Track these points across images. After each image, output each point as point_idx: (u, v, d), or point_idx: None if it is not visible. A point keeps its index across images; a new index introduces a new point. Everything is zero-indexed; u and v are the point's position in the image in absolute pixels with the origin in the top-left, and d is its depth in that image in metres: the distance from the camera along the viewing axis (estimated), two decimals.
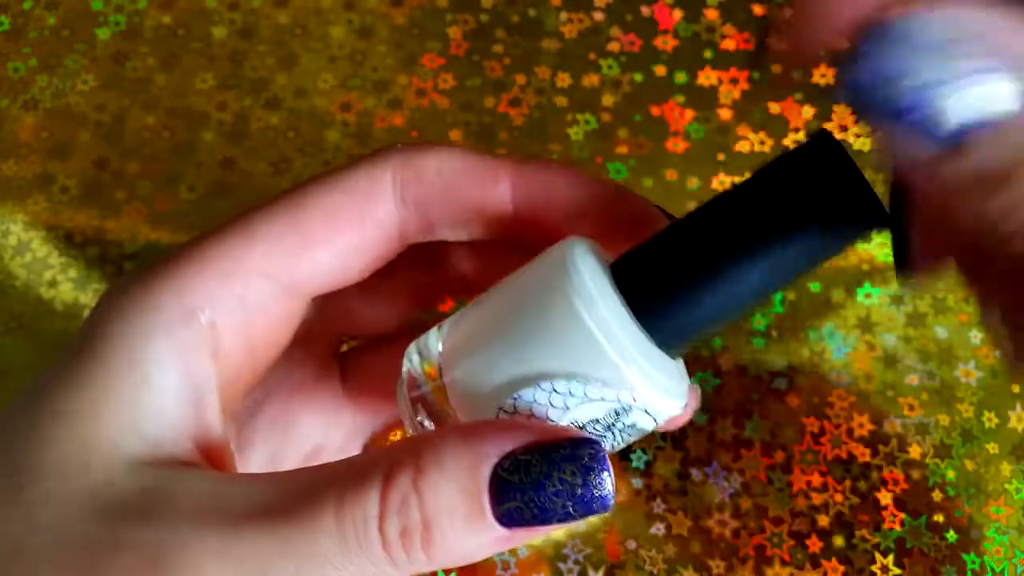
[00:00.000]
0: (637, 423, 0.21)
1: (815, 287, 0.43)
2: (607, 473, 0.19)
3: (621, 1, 0.48)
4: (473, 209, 0.23)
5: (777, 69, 0.47)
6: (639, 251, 0.22)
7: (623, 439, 0.22)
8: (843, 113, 0.46)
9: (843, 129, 0.45)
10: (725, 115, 0.46)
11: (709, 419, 0.40)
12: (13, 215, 0.44)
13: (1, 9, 0.48)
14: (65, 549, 0.18)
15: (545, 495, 0.18)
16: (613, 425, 0.21)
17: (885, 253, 0.43)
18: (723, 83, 0.46)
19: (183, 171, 0.45)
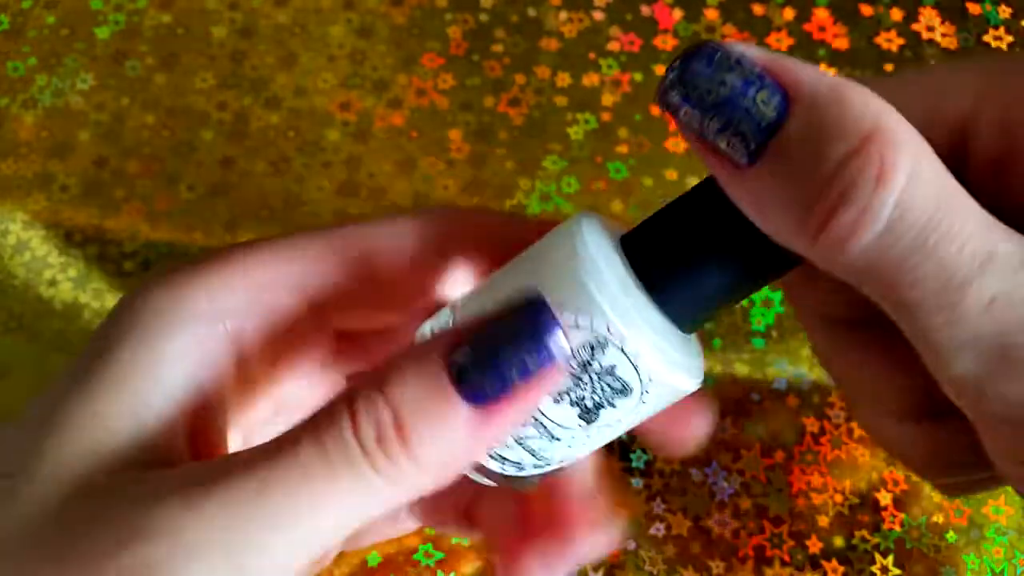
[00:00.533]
0: (616, 367, 0.20)
1: None
2: (552, 318, 0.19)
3: (621, 1, 0.48)
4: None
5: None
6: (648, 221, 0.21)
7: (602, 391, 0.21)
8: None
9: None
10: None
11: None
12: (12, 214, 0.44)
13: (0, 8, 0.48)
14: (40, 528, 0.18)
15: (499, 357, 0.18)
16: (588, 364, 0.20)
17: None
18: None
19: (183, 170, 0.45)
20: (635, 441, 0.40)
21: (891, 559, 0.38)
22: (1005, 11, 0.48)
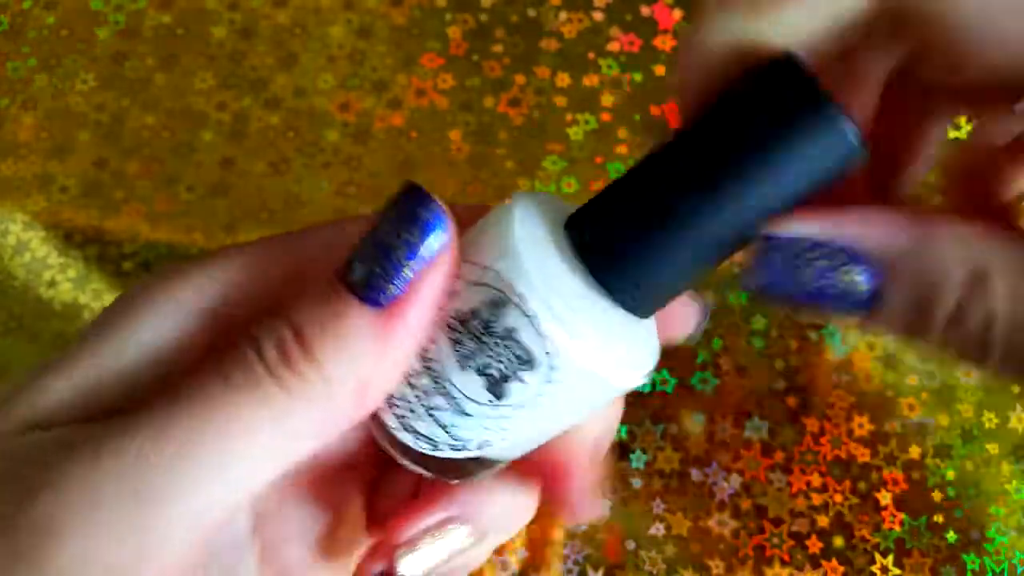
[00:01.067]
0: (517, 331, 0.19)
1: None
2: (429, 197, 0.18)
3: (621, 1, 0.48)
4: None
5: None
6: (592, 201, 0.20)
7: (508, 360, 0.19)
8: None
9: None
10: None
11: (709, 419, 0.40)
12: (12, 215, 0.44)
13: (0, 9, 0.48)
14: None
15: (383, 243, 0.18)
16: (490, 324, 0.19)
17: None
18: None
19: (182, 171, 0.45)
20: (635, 441, 0.40)
21: (891, 559, 0.38)
22: None
